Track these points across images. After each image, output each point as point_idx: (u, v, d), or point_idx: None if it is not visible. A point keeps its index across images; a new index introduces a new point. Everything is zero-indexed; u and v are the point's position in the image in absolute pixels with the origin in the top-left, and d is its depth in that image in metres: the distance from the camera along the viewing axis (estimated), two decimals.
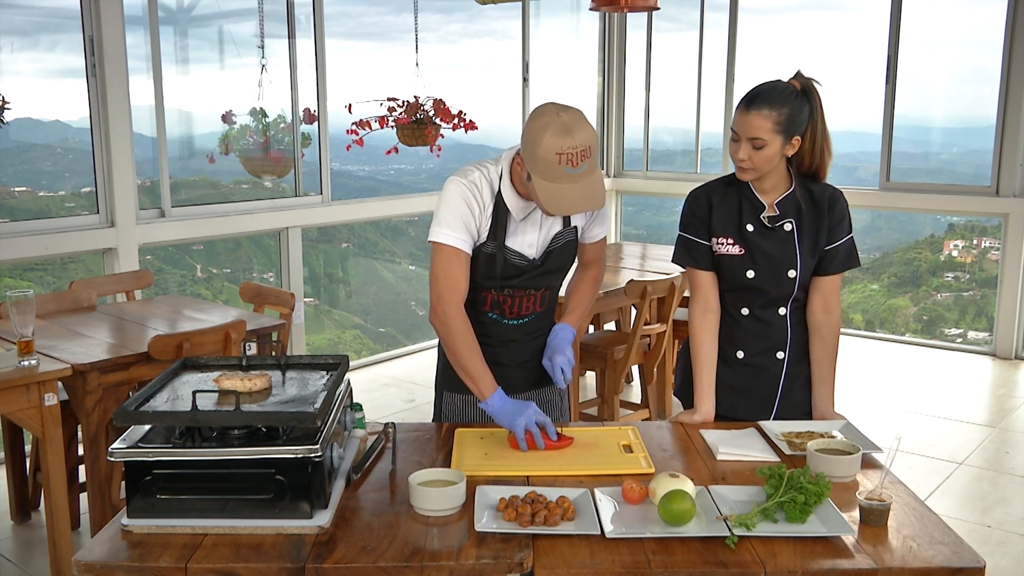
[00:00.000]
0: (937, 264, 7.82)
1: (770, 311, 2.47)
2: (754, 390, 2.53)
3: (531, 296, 2.44)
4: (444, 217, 2.30)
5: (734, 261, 2.43)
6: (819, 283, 2.47)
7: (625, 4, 4.99)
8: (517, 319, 2.46)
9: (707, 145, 7.70)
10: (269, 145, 5.64)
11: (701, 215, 2.46)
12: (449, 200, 2.30)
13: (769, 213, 2.41)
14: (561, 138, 2.09)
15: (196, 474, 1.81)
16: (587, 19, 7.96)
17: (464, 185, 2.30)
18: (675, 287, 4.47)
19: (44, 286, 5.70)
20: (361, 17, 7.16)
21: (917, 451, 4.74)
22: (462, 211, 2.29)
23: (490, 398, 2.27)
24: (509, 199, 2.32)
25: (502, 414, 2.24)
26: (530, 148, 2.14)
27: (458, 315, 2.30)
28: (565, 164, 2.10)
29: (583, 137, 2.11)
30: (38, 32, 5.10)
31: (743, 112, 2.31)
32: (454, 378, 2.48)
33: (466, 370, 2.30)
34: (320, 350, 6.95)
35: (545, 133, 2.10)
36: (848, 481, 2.05)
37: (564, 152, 2.09)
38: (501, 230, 2.33)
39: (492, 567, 1.69)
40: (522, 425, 2.20)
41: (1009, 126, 6.21)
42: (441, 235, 2.29)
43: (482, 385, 2.28)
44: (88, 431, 3.35)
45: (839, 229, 2.43)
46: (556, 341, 2.45)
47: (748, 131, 2.29)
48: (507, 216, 2.33)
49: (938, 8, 6.87)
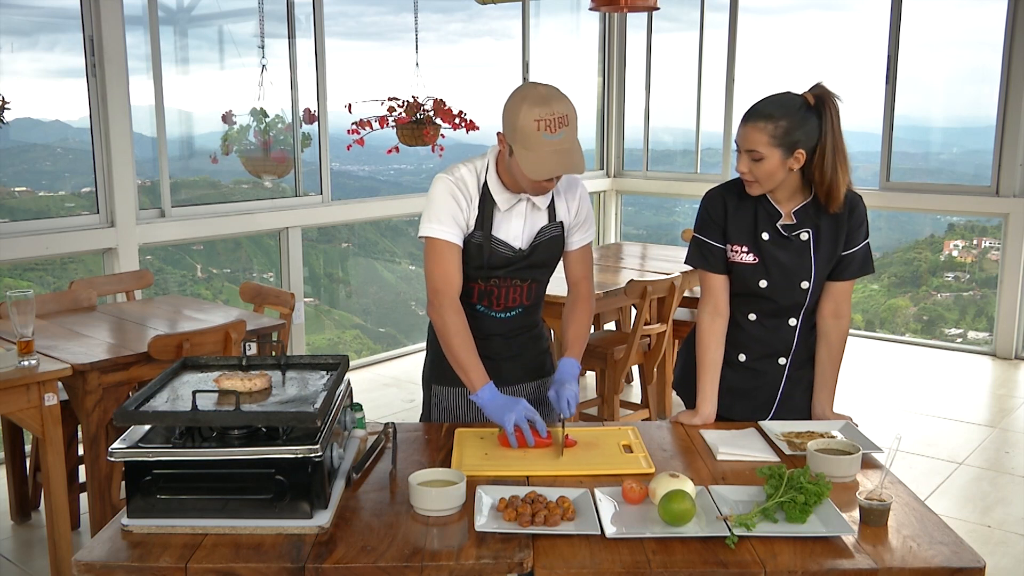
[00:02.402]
0: (937, 264, 7.83)
1: (778, 320, 2.46)
2: (753, 393, 2.52)
3: (517, 288, 2.47)
4: (432, 212, 2.36)
5: (747, 269, 2.42)
6: (832, 288, 2.45)
7: (625, 4, 4.99)
8: (504, 311, 2.49)
9: (707, 145, 7.70)
10: (271, 145, 5.64)
11: (717, 218, 2.45)
12: (436, 196, 2.37)
13: (785, 221, 2.39)
14: (538, 106, 2.18)
15: (196, 474, 1.81)
16: (587, 19, 7.96)
17: (450, 181, 2.37)
18: (675, 287, 4.47)
19: (44, 286, 5.70)
20: (361, 17, 7.16)
21: (917, 451, 4.74)
22: (449, 205, 2.35)
23: (480, 390, 2.31)
24: (495, 190, 2.38)
25: (492, 407, 2.27)
26: (510, 121, 2.23)
27: (451, 307, 2.35)
28: (544, 131, 2.18)
29: (560, 106, 2.20)
30: (38, 32, 5.10)
31: (742, 124, 2.32)
32: (443, 371, 2.51)
33: (458, 361, 2.34)
34: (320, 350, 6.95)
35: (523, 103, 2.20)
36: (848, 481, 2.05)
37: (542, 119, 2.18)
38: (488, 220, 2.38)
39: (492, 567, 1.69)
40: (511, 420, 2.22)
41: (1009, 126, 6.21)
42: (431, 230, 2.36)
43: (473, 377, 2.32)
44: (88, 431, 3.35)
45: (857, 234, 2.42)
46: (562, 375, 2.45)
47: (745, 143, 2.30)
48: (493, 207, 2.38)
49: (938, 8, 6.88)
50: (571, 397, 2.38)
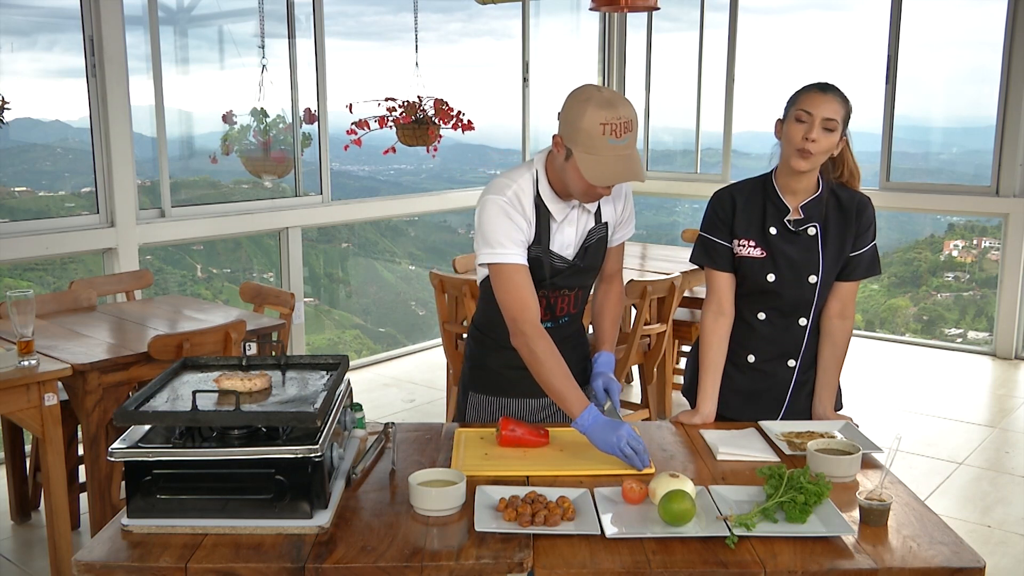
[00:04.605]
0: (937, 264, 7.83)
1: (789, 319, 2.46)
2: (762, 395, 2.52)
3: (566, 297, 2.43)
4: (491, 237, 2.25)
5: (755, 264, 2.42)
6: (839, 288, 2.46)
7: (625, 4, 4.99)
8: (554, 321, 2.45)
9: (707, 145, 7.70)
10: (271, 145, 5.64)
11: (724, 216, 2.45)
12: (490, 219, 2.25)
13: (793, 216, 2.40)
14: (605, 110, 2.11)
15: (196, 474, 1.81)
16: (587, 19, 7.96)
17: (504, 202, 2.26)
18: (675, 287, 4.47)
19: (44, 286, 5.71)
20: (360, 16, 7.16)
21: (917, 451, 4.74)
22: (506, 227, 2.24)
23: (581, 417, 2.14)
24: (549, 200, 2.30)
25: (595, 432, 2.12)
26: (572, 122, 2.14)
27: (534, 332, 2.23)
28: (609, 135, 2.11)
29: (626, 111, 2.13)
30: (38, 32, 5.10)
31: (819, 93, 2.30)
32: (480, 378, 2.48)
33: (552, 389, 2.21)
34: (320, 350, 6.95)
35: (588, 106, 2.12)
36: (848, 481, 2.05)
37: (608, 123, 2.10)
38: (545, 233, 2.31)
39: (492, 567, 1.69)
40: (616, 448, 2.08)
41: (1009, 126, 6.21)
42: (495, 255, 2.25)
43: (571, 403, 2.17)
44: (88, 431, 3.35)
45: (865, 236, 2.43)
46: (601, 367, 2.43)
47: (825, 111, 2.28)
48: (549, 218, 2.31)
49: (938, 8, 6.88)
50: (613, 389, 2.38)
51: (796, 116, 2.31)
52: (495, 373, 2.49)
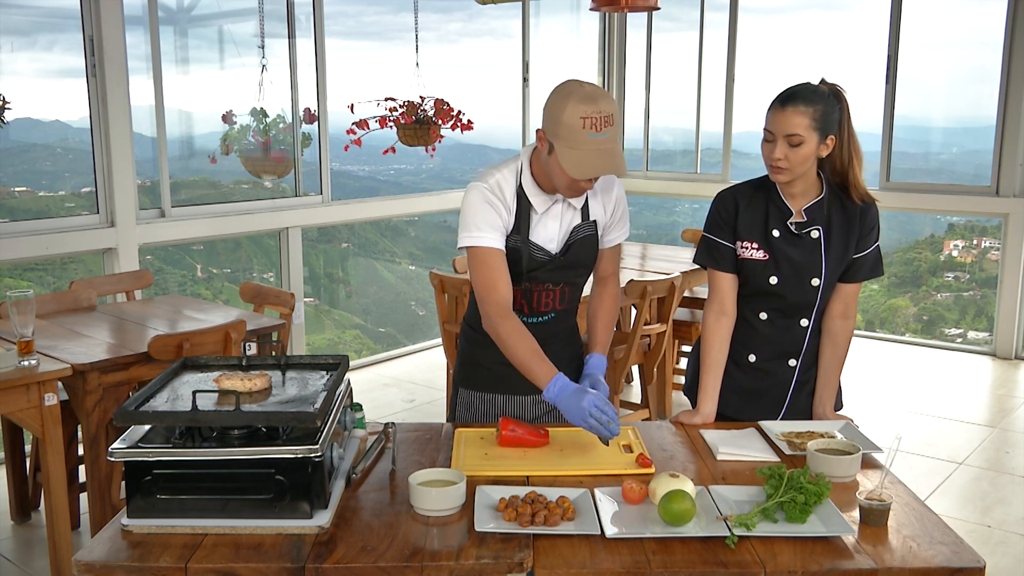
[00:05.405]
0: (937, 264, 7.83)
1: (790, 320, 2.46)
2: (763, 395, 2.52)
3: (550, 292, 2.43)
4: (470, 221, 2.29)
5: (757, 266, 2.41)
6: (841, 289, 2.46)
7: (625, 4, 4.99)
8: (538, 316, 2.45)
9: (707, 145, 7.70)
10: (271, 145, 5.64)
11: (727, 217, 2.44)
12: (471, 205, 2.31)
13: (796, 219, 2.39)
14: (585, 104, 2.13)
15: (196, 474, 1.81)
16: (587, 19, 7.96)
17: (485, 188, 2.31)
18: (675, 287, 4.47)
19: (44, 286, 5.71)
20: (360, 16, 7.17)
21: (917, 451, 4.74)
22: (485, 212, 2.29)
23: (547, 386, 2.17)
24: (531, 192, 2.33)
25: (562, 401, 2.14)
26: (554, 116, 2.17)
27: (500, 313, 2.27)
28: (589, 129, 2.13)
29: (606, 105, 2.15)
30: (38, 32, 5.10)
31: (778, 110, 2.28)
32: (470, 375, 2.49)
33: (520, 364, 2.25)
34: (320, 350, 6.95)
35: (569, 100, 2.14)
36: (848, 481, 2.04)
37: (588, 116, 2.13)
38: (524, 223, 2.34)
39: (492, 567, 1.69)
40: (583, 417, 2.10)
41: (1009, 126, 6.21)
42: (470, 239, 2.29)
43: (539, 374, 2.20)
44: (88, 431, 3.35)
45: (869, 238, 2.42)
46: (591, 369, 2.43)
47: (785, 128, 2.27)
48: (529, 209, 2.34)
49: (938, 8, 6.88)
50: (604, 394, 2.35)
51: (764, 135, 2.33)
52: (485, 369, 2.50)
